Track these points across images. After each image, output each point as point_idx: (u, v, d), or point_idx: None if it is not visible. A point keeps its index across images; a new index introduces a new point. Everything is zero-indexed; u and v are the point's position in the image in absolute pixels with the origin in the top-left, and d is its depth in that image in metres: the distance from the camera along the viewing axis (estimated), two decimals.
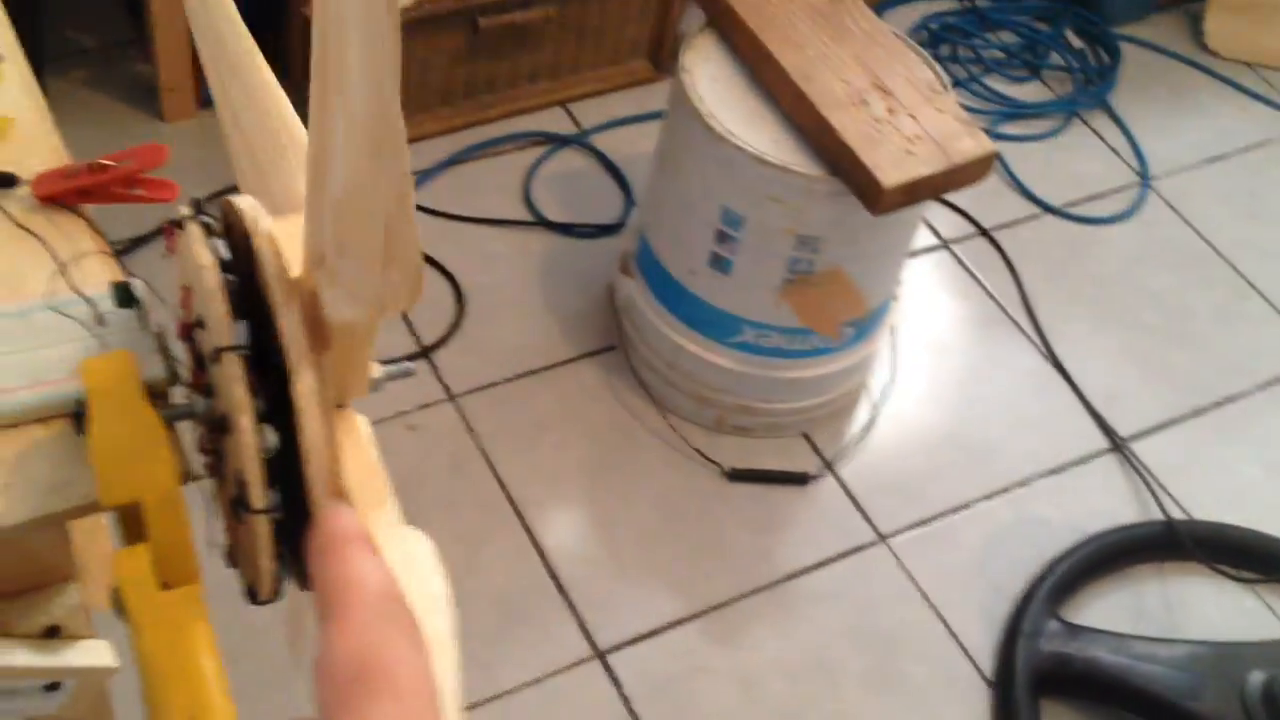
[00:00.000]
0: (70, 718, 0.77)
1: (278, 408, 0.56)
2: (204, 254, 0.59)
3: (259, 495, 0.57)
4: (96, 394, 0.58)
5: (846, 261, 1.63)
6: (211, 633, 0.55)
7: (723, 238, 1.62)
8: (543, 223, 2.00)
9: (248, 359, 0.56)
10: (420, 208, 1.98)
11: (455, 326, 1.86)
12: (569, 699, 1.55)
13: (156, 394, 0.63)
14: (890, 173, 1.48)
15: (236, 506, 0.58)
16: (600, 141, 2.13)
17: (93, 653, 0.73)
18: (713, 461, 1.78)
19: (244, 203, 0.61)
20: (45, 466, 0.61)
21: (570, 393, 1.82)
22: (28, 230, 0.69)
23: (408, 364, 0.66)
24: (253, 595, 0.61)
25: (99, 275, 0.68)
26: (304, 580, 0.61)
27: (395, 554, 0.58)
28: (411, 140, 1.97)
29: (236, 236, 0.60)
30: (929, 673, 1.65)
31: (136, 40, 1.89)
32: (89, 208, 0.71)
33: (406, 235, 0.49)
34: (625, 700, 1.56)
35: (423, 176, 2.01)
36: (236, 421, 0.57)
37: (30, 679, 0.76)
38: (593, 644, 1.60)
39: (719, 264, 1.65)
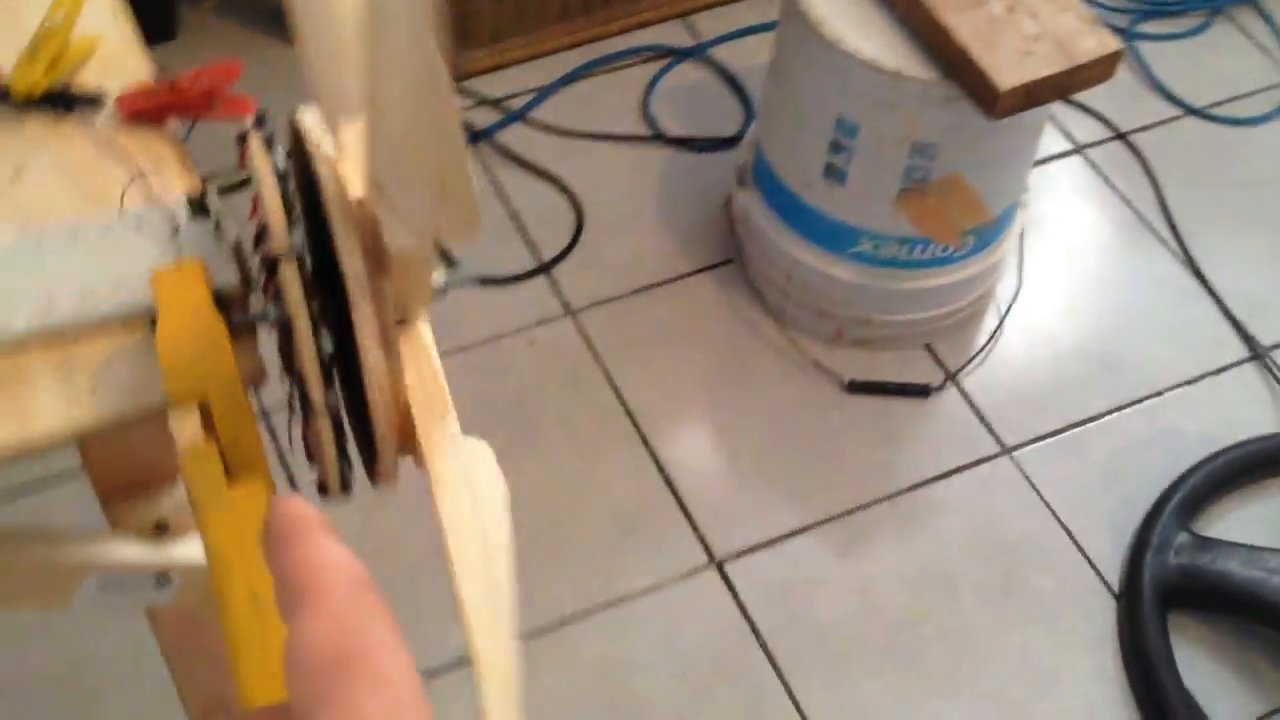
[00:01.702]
0: (181, 606, 0.82)
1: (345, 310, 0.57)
2: (263, 165, 0.61)
3: (317, 395, 0.60)
4: (165, 300, 0.60)
5: (965, 168, 1.59)
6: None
7: (837, 148, 1.60)
8: (661, 138, 2.00)
9: (312, 267, 0.58)
10: (539, 124, 1.99)
11: (574, 242, 1.88)
12: (686, 606, 1.57)
13: (230, 301, 0.65)
14: (1007, 74, 1.44)
15: (302, 406, 0.60)
16: (720, 53, 2.11)
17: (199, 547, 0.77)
18: (831, 373, 1.77)
19: (307, 121, 0.62)
20: (128, 370, 0.64)
21: (688, 307, 1.83)
22: (111, 147, 0.72)
23: (468, 277, 0.67)
24: (323, 490, 0.63)
25: (179, 189, 0.71)
26: (373, 474, 0.63)
27: (455, 463, 0.60)
28: (529, 58, 1.99)
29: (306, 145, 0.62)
30: (1053, 585, 1.63)
31: None
32: (172, 125, 0.74)
33: (459, 174, 0.50)
34: (741, 608, 1.58)
35: (541, 94, 2.02)
36: (294, 325, 0.59)
37: (142, 573, 0.80)
38: (709, 553, 1.62)
39: (834, 174, 1.63)
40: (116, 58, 0.76)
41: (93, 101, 0.73)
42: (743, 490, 1.68)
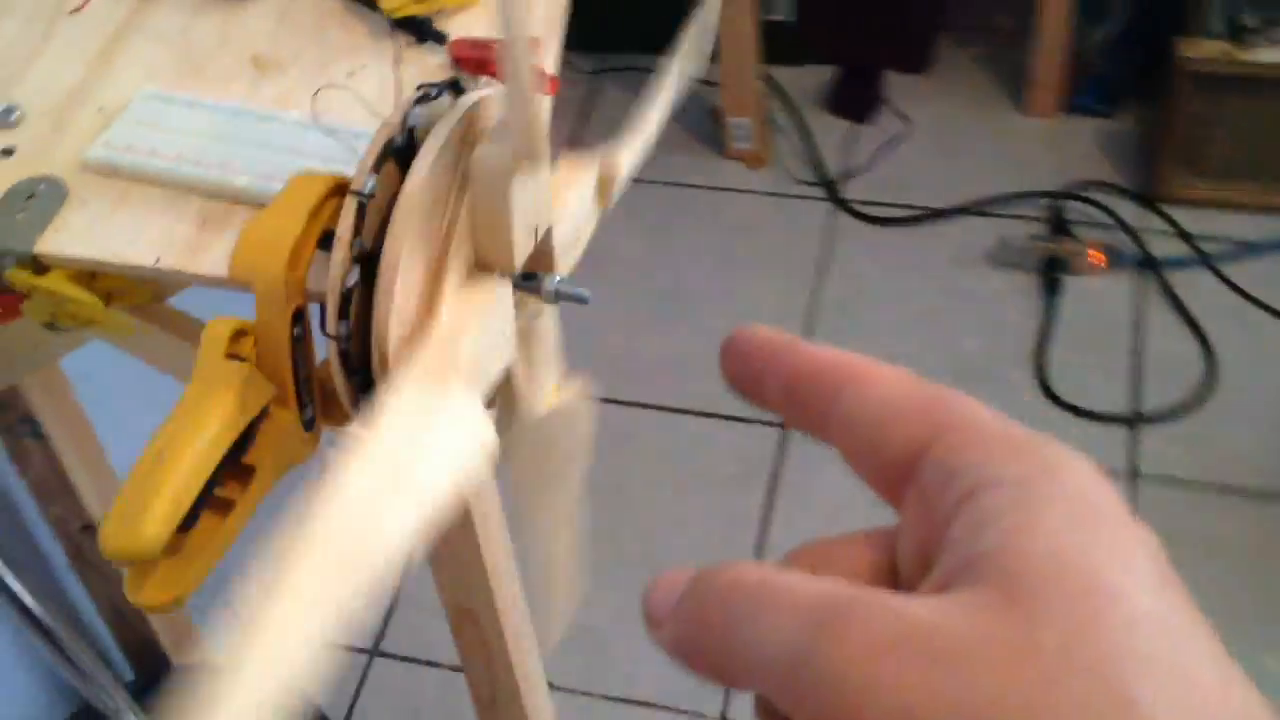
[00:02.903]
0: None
1: None
2: (392, 119, 0.66)
3: (331, 322, 0.65)
4: (285, 191, 0.68)
5: None
6: (235, 415, 0.63)
7: None
8: None
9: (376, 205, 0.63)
10: (1223, 278, 1.79)
11: (1187, 408, 1.67)
12: None
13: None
14: None
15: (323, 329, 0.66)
16: None
17: None
18: None
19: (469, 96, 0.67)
20: None
21: None
22: (431, 76, 0.81)
23: (583, 290, 0.68)
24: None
25: None
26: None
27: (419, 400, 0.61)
28: (1248, 208, 1.74)
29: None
30: None
31: (1023, 30, 1.91)
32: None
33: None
34: None
35: (1243, 250, 1.80)
36: (334, 250, 0.64)
37: None
38: None
39: None
40: (487, 12, 0.85)
41: (439, 38, 0.83)
42: None
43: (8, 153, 0.80)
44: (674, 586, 0.27)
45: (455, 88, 0.70)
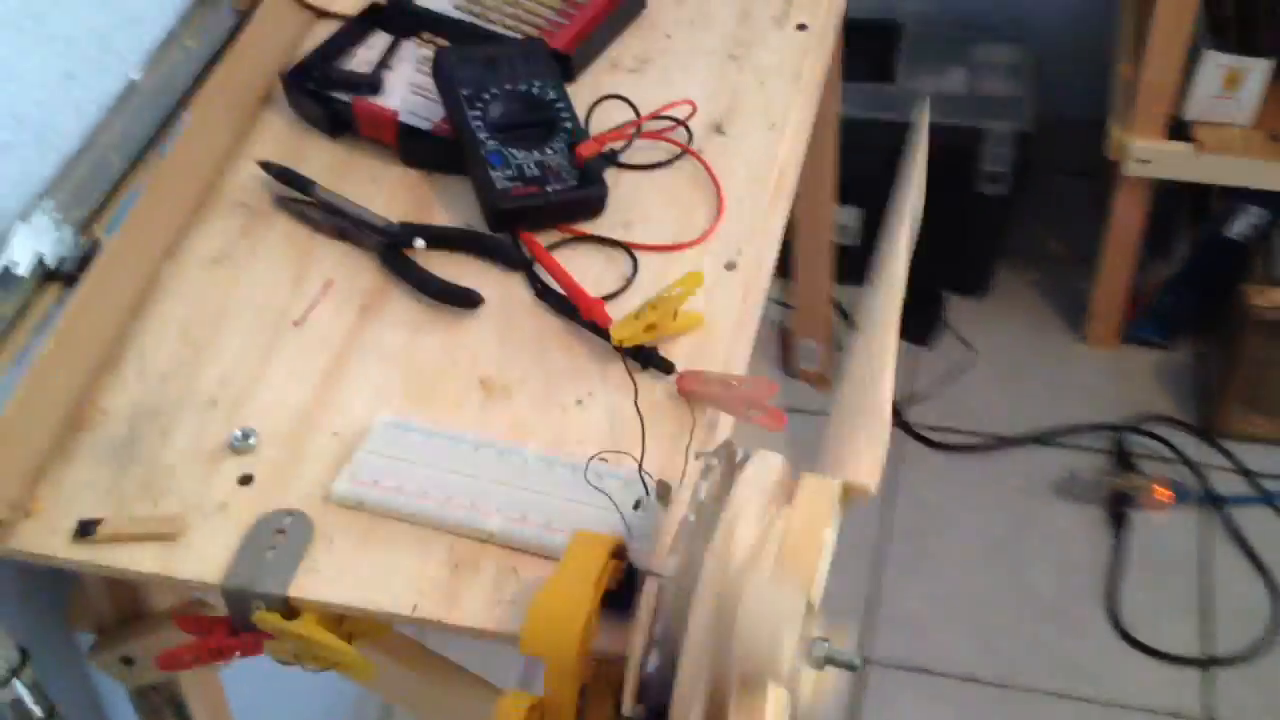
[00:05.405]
0: None
1: None
2: (682, 496, 0.67)
3: (629, 703, 0.65)
4: (569, 558, 0.69)
5: None
6: None
7: None
8: None
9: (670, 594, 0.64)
10: None
11: (1257, 651, 1.69)
12: None
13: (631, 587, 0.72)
14: None
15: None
16: None
17: None
18: None
19: (753, 470, 0.68)
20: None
21: None
22: (661, 408, 0.83)
23: (854, 658, 0.68)
24: None
25: (676, 472, 0.79)
26: None
27: None
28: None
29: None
30: None
31: (1086, 259, 1.97)
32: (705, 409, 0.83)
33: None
34: None
35: None
36: (633, 634, 0.65)
37: None
38: None
39: None
40: (714, 343, 0.87)
41: (665, 368, 0.85)
42: None
43: (247, 480, 0.81)
44: None
45: (730, 456, 0.72)
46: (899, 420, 1.97)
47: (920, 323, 2.07)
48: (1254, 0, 1.78)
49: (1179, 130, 1.74)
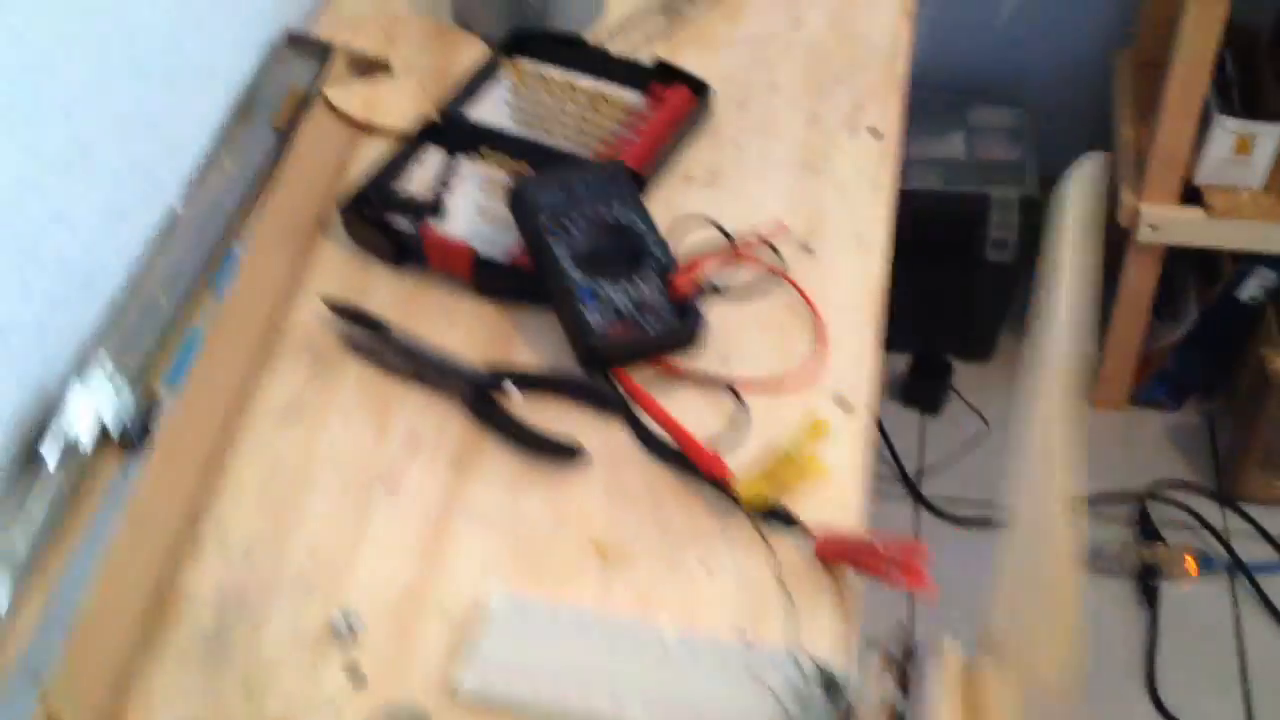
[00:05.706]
0: None
1: None
2: (872, 691, 0.62)
3: None
4: None
5: None
6: None
7: None
8: None
9: None
10: None
11: None
12: None
13: None
14: None
15: None
16: None
17: None
18: None
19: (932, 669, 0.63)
20: None
21: None
22: (792, 576, 0.77)
23: None
24: None
25: (823, 639, 0.74)
26: None
27: None
28: None
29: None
30: None
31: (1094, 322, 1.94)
32: (861, 582, 0.77)
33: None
34: None
35: None
36: None
37: None
38: None
39: None
40: (839, 493, 0.81)
41: (792, 523, 0.79)
42: None
43: (355, 673, 0.74)
44: None
45: (904, 643, 0.66)
46: (915, 493, 1.93)
47: (928, 391, 2.03)
48: (1259, 65, 1.77)
49: (1189, 195, 1.72)
